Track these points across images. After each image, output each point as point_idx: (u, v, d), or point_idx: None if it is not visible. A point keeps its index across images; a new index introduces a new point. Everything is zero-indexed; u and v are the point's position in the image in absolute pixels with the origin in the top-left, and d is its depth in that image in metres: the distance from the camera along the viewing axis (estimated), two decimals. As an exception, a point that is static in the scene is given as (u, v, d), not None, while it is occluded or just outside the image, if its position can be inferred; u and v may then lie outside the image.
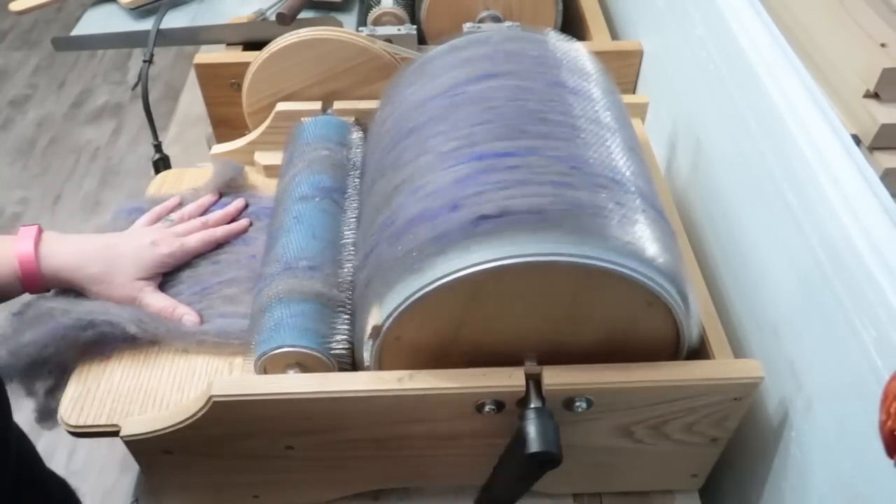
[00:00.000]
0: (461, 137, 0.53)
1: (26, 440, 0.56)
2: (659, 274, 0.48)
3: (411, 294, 0.47)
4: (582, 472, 0.60)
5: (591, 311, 0.50)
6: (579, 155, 0.52)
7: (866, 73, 0.57)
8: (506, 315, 0.50)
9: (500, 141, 0.52)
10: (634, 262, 0.47)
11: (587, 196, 0.49)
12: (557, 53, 0.62)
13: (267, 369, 0.55)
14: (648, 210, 0.51)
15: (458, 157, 0.51)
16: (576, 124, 0.54)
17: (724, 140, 0.68)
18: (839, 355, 0.49)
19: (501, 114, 0.54)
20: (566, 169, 0.50)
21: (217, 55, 0.89)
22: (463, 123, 0.54)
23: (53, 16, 2.68)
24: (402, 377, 0.51)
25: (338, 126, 0.73)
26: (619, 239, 0.47)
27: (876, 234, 0.47)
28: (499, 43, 0.62)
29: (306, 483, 0.60)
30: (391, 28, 0.89)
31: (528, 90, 0.56)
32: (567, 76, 0.59)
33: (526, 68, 0.59)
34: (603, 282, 0.48)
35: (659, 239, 0.49)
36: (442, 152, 0.53)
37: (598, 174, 0.51)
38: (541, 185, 0.48)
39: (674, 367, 0.52)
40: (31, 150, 2.20)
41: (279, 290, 0.56)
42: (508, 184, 0.48)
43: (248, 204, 0.72)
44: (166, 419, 0.53)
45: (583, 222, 0.47)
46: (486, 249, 0.46)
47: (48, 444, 0.58)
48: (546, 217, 0.47)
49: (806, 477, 0.53)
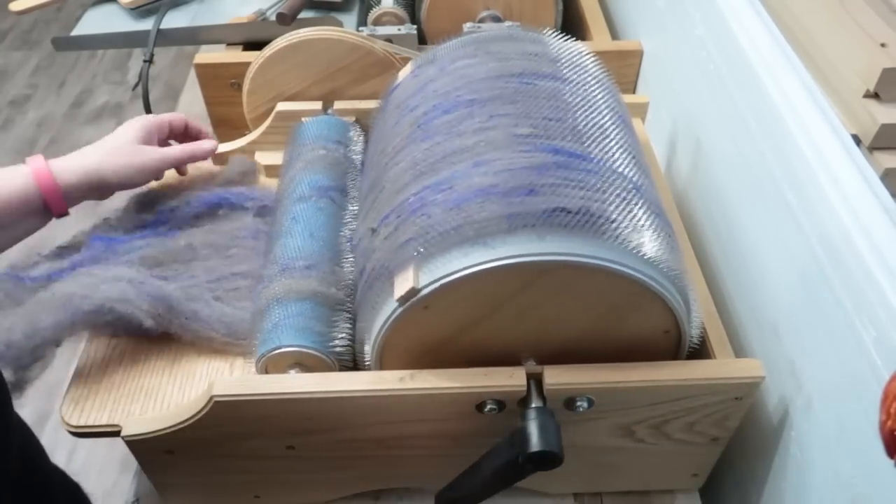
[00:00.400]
0: (537, 126, 0.53)
1: (29, 432, 0.56)
2: (659, 273, 0.48)
3: (473, 265, 0.46)
4: (583, 472, 0.60)
5: (591, 310, 0.50)
6: (582, 152, 0.52)
7: (866, 73, 0.57)
8: (508, 314, 0.50)
9: (571, 141, 0.52)
10: (635, 261, 0.47)
11: (589, 195, 0.49)
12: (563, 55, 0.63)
13: (268, 370, 0.55)
14: (650, 209, 0.51)
15: (535, 145, 0.51)
16: (606, 128, 0.56)
17: (724, 140, 0.68)
18: (839, 355, 0.49)
19: (568, 113, 0.55)
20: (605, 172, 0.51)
21: (217, 55, 0.89)
22: (535, 112, 0.54)
23: (53, 16, 2.68)
24: (403, 377, 0.51)
25: (337, 125, 0.73)
26: (620, 238, 0.47)
27: (876, 233, 0.47)
28: (534, 42, 0.64)
29: (307, 483, 0.60)
30: (391, 28, 0.89)
31: (577, 94, 0.58)
32: (594, 84, 0.61)
33: (568, 74, 0.60)
34: (604, 281, 0.48)
35: (659, 238, 0.50)
36: (515, 134, 0.52)
37: (598, 173, 0.51)
38: (594, 190, 0.49)
39: (675, 367, 0.52)
40: (31, 150, 2.19)
41: (277, 291, 0.57)
42: (583, 184, 0.49)
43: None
44: (167, 419, 0.53)
45: (585, 222, 0.47)
46: (559, 241, 0.46)
47: (48, 444, 0.57)
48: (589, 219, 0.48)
49: (806, 476, 0.53)
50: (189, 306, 0.61)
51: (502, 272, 0.46)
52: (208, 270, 0.65)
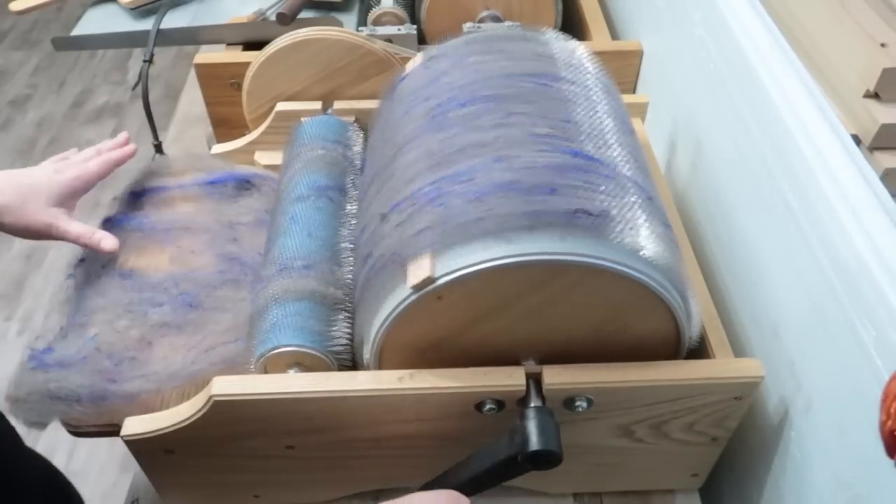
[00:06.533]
0: (555, 127, 0.53)
1: (2, 418, 0.56)
2: (660, 273, 0.48)
3: (494, 258, 0.46)
4: (582, 472, 0.60)
5: (591, 310, 0.50)
6: (584, 152, 0.52)
7: (866, 73, 0.57)
8: (508, 313, 0.50)
9: (588, 144, 0.53)
10: (635, 261, 0.47)
11: (589, 195, 0.49)
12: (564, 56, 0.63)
13: (268, 370, 0.55)
14: (649, 209, 0.51)
15: (554, 146, 0.52)
16: (617, 133, 0.56)
17: (724, 140, 0.68)
18: (839, 355, 0.49)
19: (583, 117, 0.55)
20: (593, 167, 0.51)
21: (217, 55, 0.89)
22: (551, 113, 0.54)
23: (53, 16, 2.68)
24: (402, 376, 0.51)
25: (335, 125, 0.73)
26: (620, 238, 0.47)
27: (876, 234, 0.47)
28: (547, 43, 0.64)
29: (307, 482, 0.60)
30: (391, 28, 0.90)
31: (590, 98, 0.58)
32: (601, 88, 0.61)
33: (579, 78, 0.60)
34: (604, 281, 0.48)
35: (660, 238, 0.50)
36: (534, 133, 0.52)
37: (600, 173, 0.51)
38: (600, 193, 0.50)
39: (674, 367, 0.52)
40: (31, 150, 2.20)
41: (276, 291, 0.57)
42: (602, 187, 0.49)
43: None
44: (167, 418, 0.53)
45: (585, 222, 0.47)
46: (578, 242, 0.46)
47: (48, 444, 0.57)
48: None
49: (805, 476, 0.53)
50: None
51: (521, 269, 0.46)
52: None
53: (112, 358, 0.58)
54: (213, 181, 0.73)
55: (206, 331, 0.60)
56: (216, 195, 0.72)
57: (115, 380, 0.57)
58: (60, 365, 0.57)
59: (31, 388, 0.56)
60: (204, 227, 0.69)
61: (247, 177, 0.73)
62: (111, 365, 0.58)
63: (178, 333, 0.60)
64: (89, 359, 0.58)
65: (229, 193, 0.72)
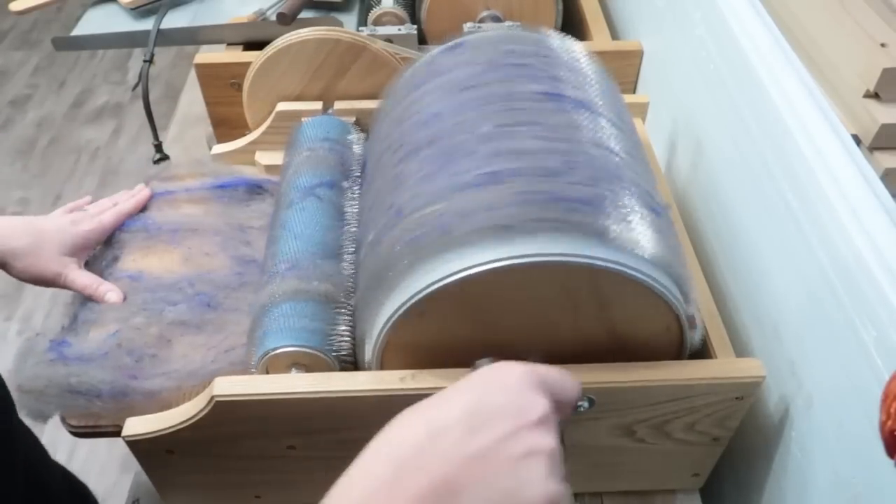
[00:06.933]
0: (556, 128, 0.54)
1: (34, 438, 0.56)
2: (661, 273, 0.48)
3: (498, 259, 0.46)
4: (583, 472, 0.60)
5: (593, 310, 0.50)
6: (584, 152, 0.52)
7: (866, 73, 0.57)
8: (510, 314, 0.50)
9: (588, 144, 0.53)
10: (636, 261, 0.47)
11: (590, 195, 0.49)
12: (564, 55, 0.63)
13: (269, 370, 0.55)
14: (650, 209, 0.51)
15: (555, 147, 0.52)
16: (603, 126, 0.56)
17: (724, 140, 0.68)
18: (839, 355, 0.49)
19: (583, 118, 0.55)
20: (565, 167, 0.51)
21: (217, 55, 0.89)
22: (554, 116, 0.55)
23: (53, 16, 2.68)
24: (403, 377, 0.51)
25: (336, 125, 0.73)
26: (621, 238, 0.47)
27: (876, 234, 0.47)
28: (538, 42, 0.64)
29: (308, 483, 0.60)
30: (391, 28, 0.89)
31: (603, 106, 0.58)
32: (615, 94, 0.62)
33: (576, 79, 0.60)
34: (605, 281, 0.48)
35: (660, 238, 0.50)
36: (535, 134, 0.53)
37: (600, 173, 0.51)
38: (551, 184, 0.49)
39: (676, 367, 0.52)
40: (31, 150, 2.20)
41: (274, 292, 0.57)
42: (602, 187, 0.50)
43: None
44: (168, 419, 0.53)
45: (586, 222, 0.47)
46: (579, 243, 0.47)
47: (48, 445, 0.57)
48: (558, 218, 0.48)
49: (806, 476, 0.53)
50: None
51: (526, 270, 0.46)
52: None
53: (133, 354, 0.58)
54: (223, 185, 0.73)
55: (226, 331, 0.60)
56: (225, 199, 0.72)
57: (137, 376, 0.57)
58: (81, 359, 0.57)
59: (49, 380, 0.55)
60: (214, 229, 0.69)
61: (258, 182, 0.73)
62: (132, 361, 0.58)
63: (198, 333, 0.60)
64: (110, 354, 0.58)
65: (240, 197, 0.73)
